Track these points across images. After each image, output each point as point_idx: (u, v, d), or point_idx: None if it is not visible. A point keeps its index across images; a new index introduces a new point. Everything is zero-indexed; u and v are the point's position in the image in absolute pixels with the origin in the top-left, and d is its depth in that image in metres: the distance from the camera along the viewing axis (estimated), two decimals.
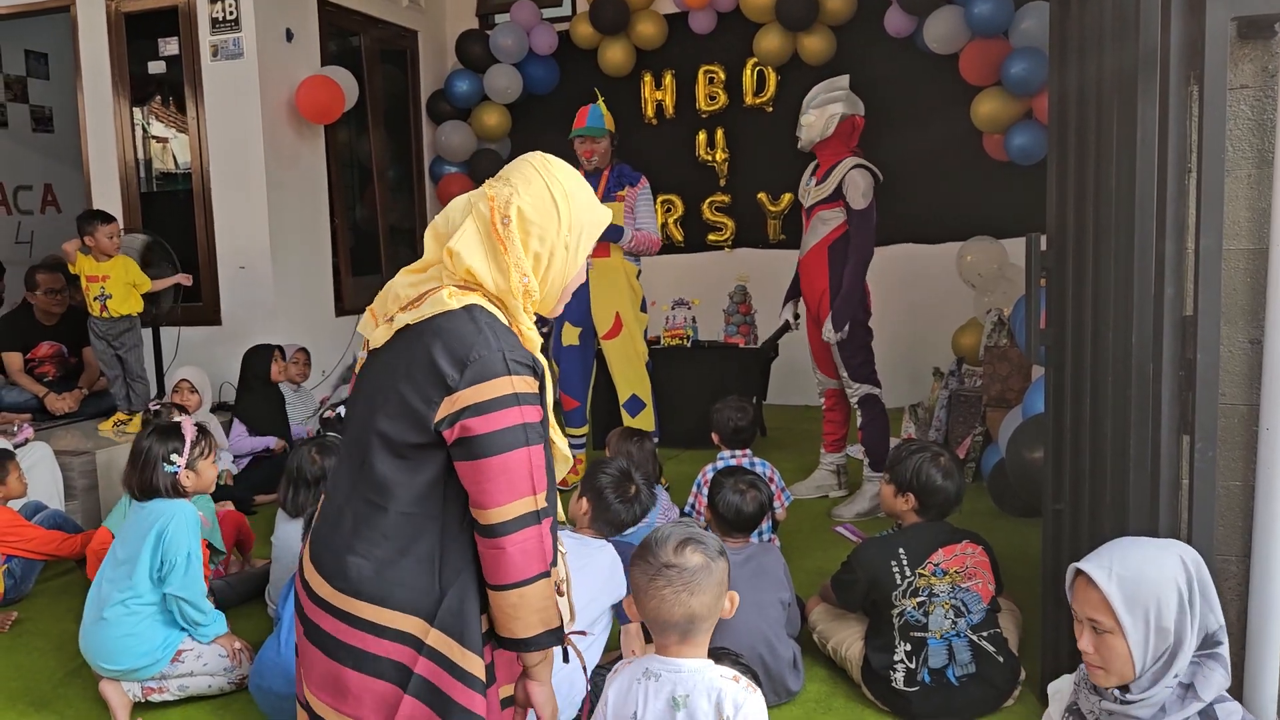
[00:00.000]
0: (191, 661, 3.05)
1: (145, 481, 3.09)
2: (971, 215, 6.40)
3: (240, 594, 3.73)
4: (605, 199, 4.89)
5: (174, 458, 3.10)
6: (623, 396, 5.12)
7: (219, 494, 4.46)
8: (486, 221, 1.70)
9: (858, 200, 4.39)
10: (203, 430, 3.23)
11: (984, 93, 6.07)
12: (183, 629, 3.06)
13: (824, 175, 4.54)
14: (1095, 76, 2.54)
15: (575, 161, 4.96)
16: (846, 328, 4.45)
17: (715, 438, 4.11)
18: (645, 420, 5.08)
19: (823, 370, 4.75)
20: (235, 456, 5.12)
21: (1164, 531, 2.25)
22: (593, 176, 4.93)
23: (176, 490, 3.11)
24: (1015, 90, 5.83)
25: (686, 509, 4.10)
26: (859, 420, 4.65)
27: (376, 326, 1.76)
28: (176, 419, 3.27)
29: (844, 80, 4.64)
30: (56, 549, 3.93)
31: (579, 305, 4.97)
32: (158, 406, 4.80)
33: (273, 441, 5.21)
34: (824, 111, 4.49)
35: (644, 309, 5.16)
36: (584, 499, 2.97)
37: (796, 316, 4.86)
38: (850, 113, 4.52)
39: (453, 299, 1.66)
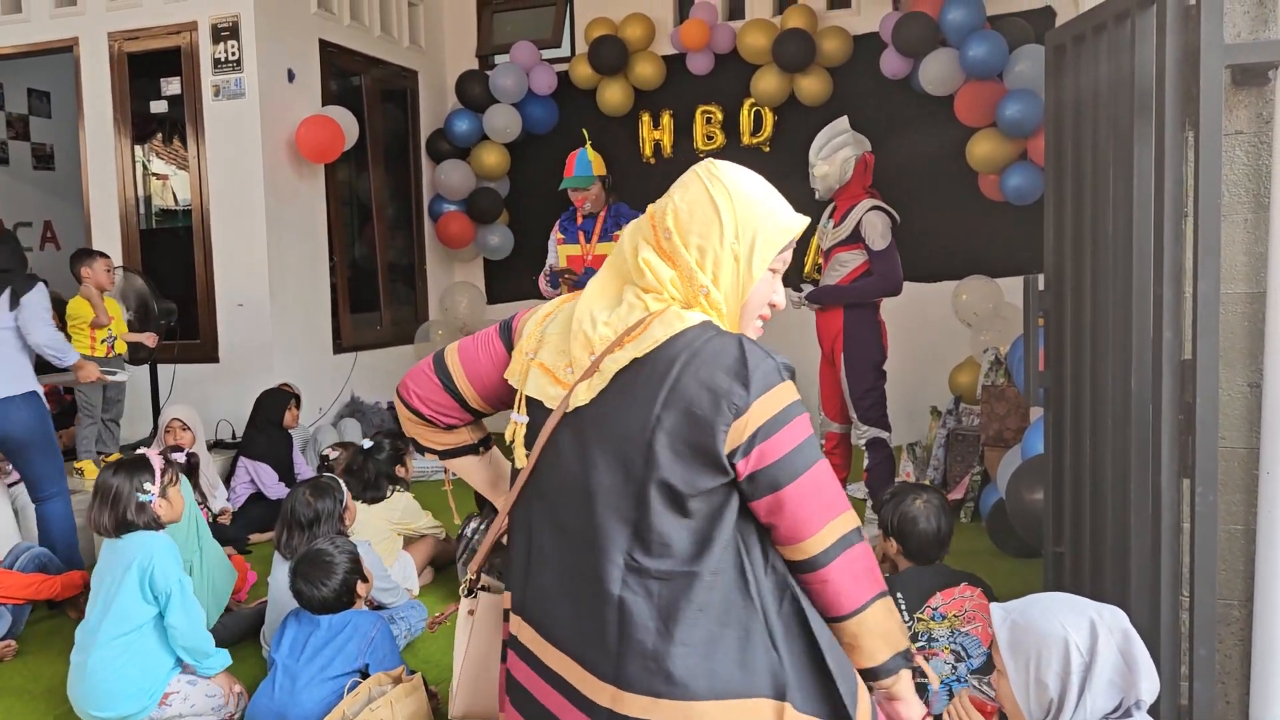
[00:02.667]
0: (179, 704, 3.00)
1: (119, 517, 3.01)
2: (967, 254, 6.43)
3: (234, 633, 3.69)
4: (602, 239, 4.94)
5: (147, 487, 3.04)
6: None
7: (214, 533, 4.44)
8: (652, 239, 1.52)
9: (877, 242, 4.51)
10: (167, 458, 3.18)
11: (979, 134, 6.12)
12: (176, 665, 3.02)
13: (841, 217, 4.66)
14: (1091, 121, 2.57)
15: (567, 201, 5.02)
16: (805, 293, 4.60)
17: None
18: None
19: (829, 413, 4.79)
20: (264, 494, 5.09)
21: (1166, 575, 2.24)
22: (589, 218, 4.98)
23: (153, 522, 3.04)
24: (1010, 132, 5.88)
25: None
26: (865, 462, 4.67)
27: (563, 383, 1.49)
28: (155, 453, 3.21)
29: (844, 122, 4.70)
30: (35, 592, 3.88)
31: None
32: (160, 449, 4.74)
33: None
34: (835, 158, 4.57)
35: None
36: None
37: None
38: (859, 152, 4.61)
39: (687, 315, 1.45)
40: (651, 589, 1.41)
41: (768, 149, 7.04)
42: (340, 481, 3.76)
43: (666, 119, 7.24)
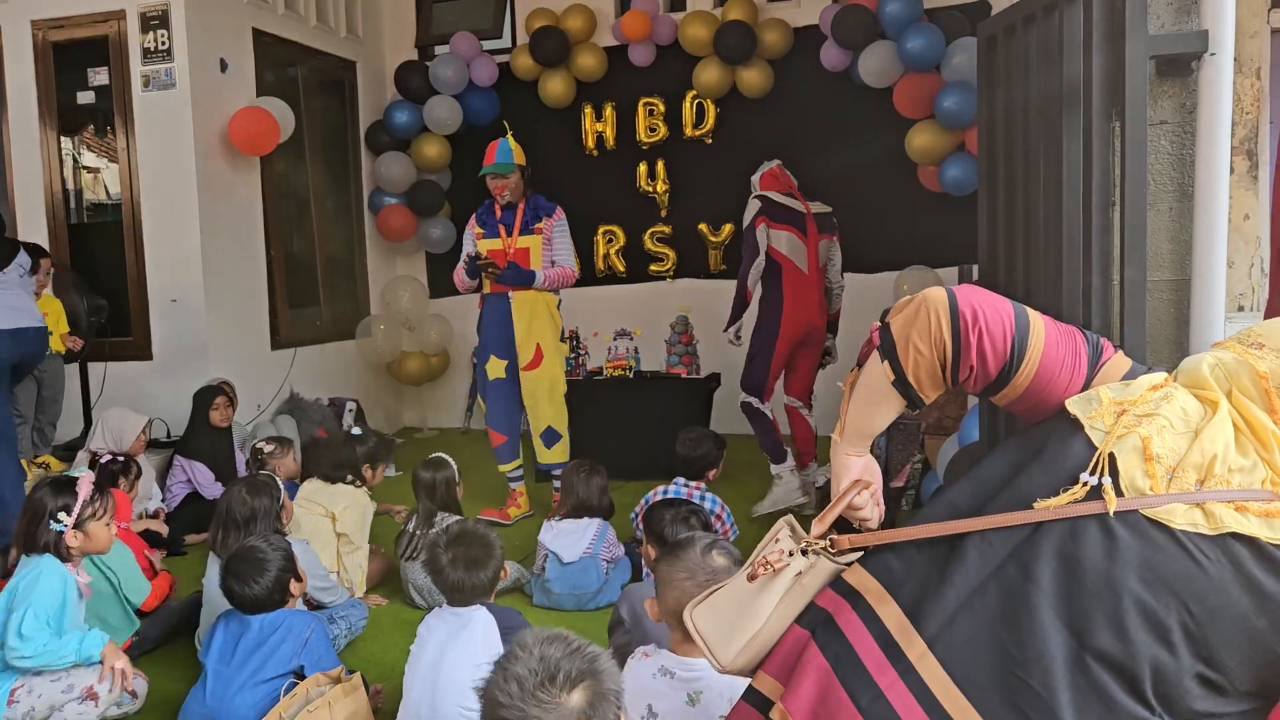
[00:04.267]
0: (27, 700, 2.80)
1: (29, 536, 2.89)
2: (907, 245, 6.50)
3: (162, 628, 3.57)
4: (522, 232, 4.91)
5: (61, 516, 2.90)
6: (538, 429, 5.06)
7: (149, 538, 4.33)
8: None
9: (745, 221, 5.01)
10: (101, 489, 3.02)
11: (918, 125, 6.19)
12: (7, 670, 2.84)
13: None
14: (1022, 112, 2.60)
15: (489, 196, 4.99)
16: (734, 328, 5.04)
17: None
18: (560, 452, 5.05)
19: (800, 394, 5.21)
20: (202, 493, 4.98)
21: None
22: (508, 210, 4.94)
23: (59, 551, 2.90)
24: (948, 123, 5.95)
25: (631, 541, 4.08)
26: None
27: (1154, 478, 1.32)
28: (89, 479, 3.04)
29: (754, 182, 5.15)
30: None
31: (502, 337, 4.92)
32: (107, 458, 4.55)
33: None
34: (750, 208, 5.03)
35: (563, 339, 5.16)
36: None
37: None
38: (755, 196, 5.06)
39: None
40: None
41: (710, 141, 7.05)
42: (277, 479, 3.69)
43: (609, 111, 7.21)
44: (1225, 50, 2.16)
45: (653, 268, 7.31)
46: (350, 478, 4.13)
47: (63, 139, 6.15)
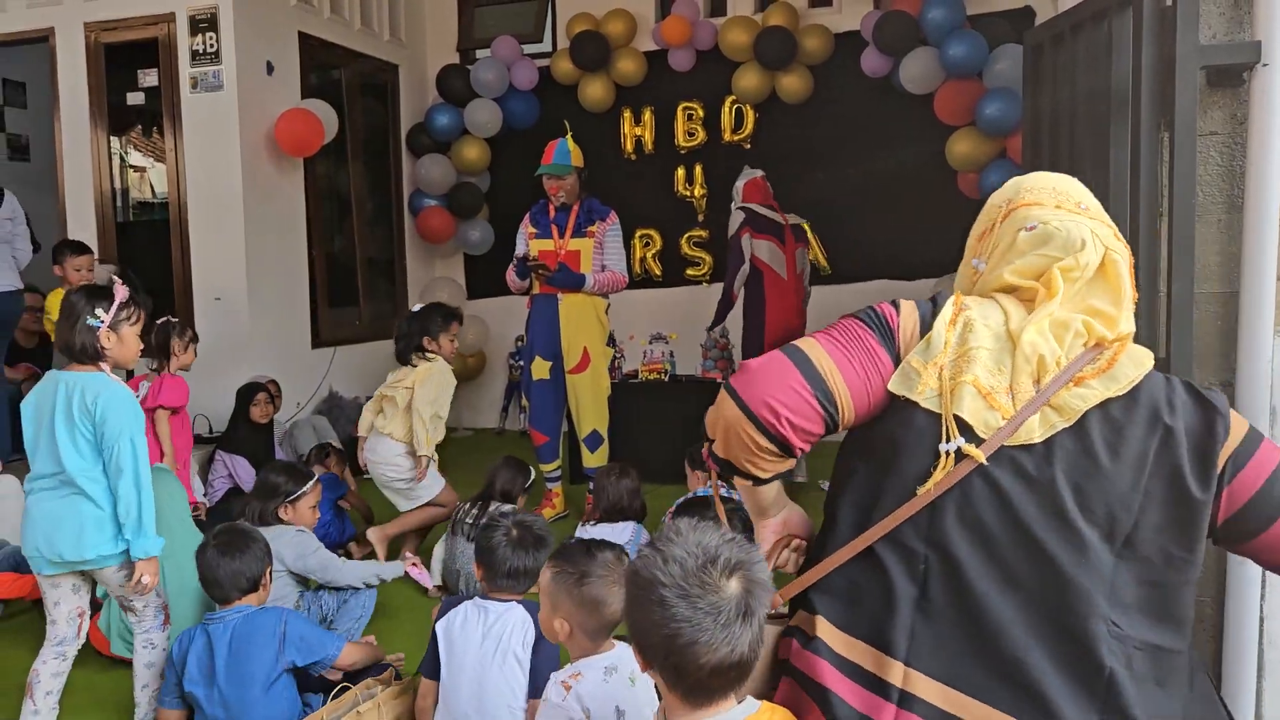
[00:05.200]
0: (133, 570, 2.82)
1: (66, 338, 2.82)
2: (946, 252, 6.39)
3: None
4: (575, 234, 4.93)
5: (98, 312, 2.83)
6: (583, 432, 5.09)
7: None
8: (1123, 274, 1.40)
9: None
10: (136, 300, 2.96)
11: (959, 132, 6.15)
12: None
13: None
14: (1068, 121, 2.59)
15: (544, 195, 5.02)
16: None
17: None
18: (602, 456, 5.08)
19: None
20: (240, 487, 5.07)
21: None
22: (561, 212, 4.96)
23: (96, 351, 2.83)
24: (989, 130, 5.91)
25: None
26: None
27: (1003, 409, 1.33)
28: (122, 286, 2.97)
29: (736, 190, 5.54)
30: (7, 591, 3.85)
31: (549, 338, 4.96)
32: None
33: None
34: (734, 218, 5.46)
35: (610, 343, 5.18)
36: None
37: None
38: (739, 208, 5.43)
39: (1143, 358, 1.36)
40: (1133, 661, 1.31)
41: (749, 146, 7.05)
42: (314, 474, 3.76)
43: (648, 115, 7.23)
44: (1278, 61, 2.13)
45: (689, 272, 7.32)
46: (422, 352, 4.35)
47: (112, 139, 6.26)
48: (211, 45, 5.86)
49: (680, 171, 7.22)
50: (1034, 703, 1.29)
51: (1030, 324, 1.35)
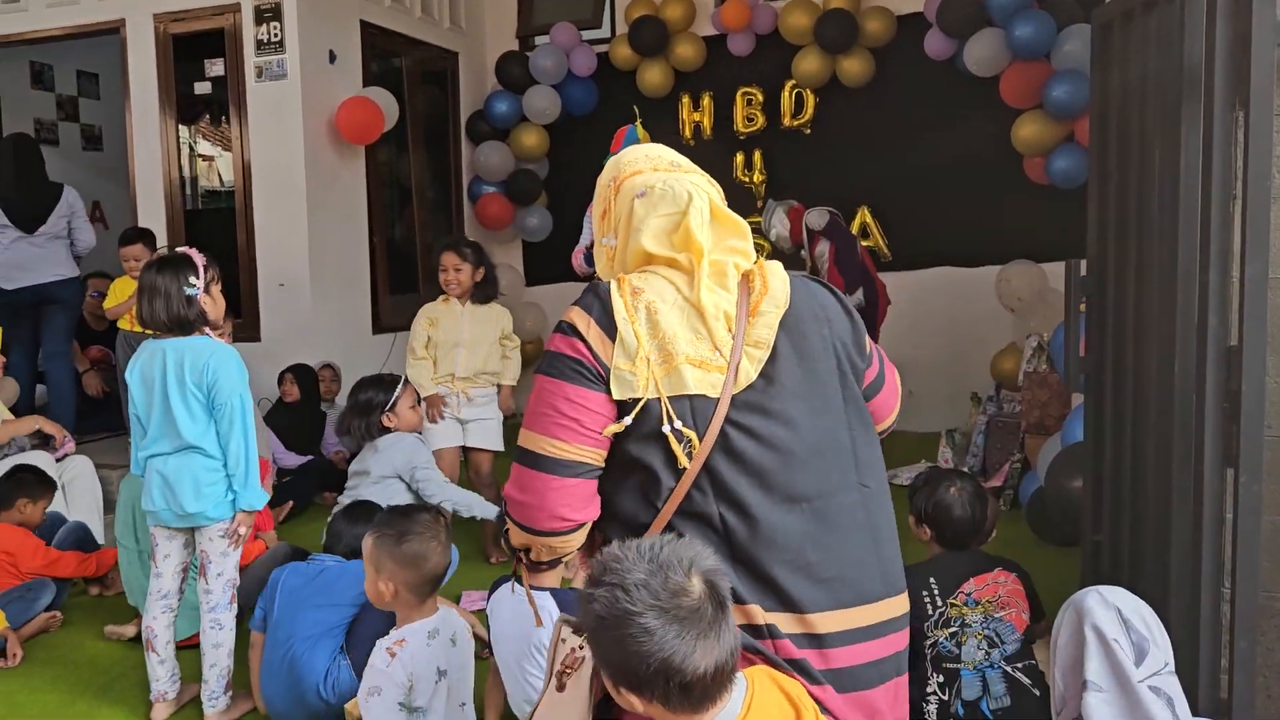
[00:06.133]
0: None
1: (172, 312, 2.94)
2: (1011, 238, 6.32)
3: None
4: None
5: (192, 280, 2.97)
6: None
7: None
8: (728, 210, 1.67)
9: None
10: (210, 259, 3.13)
11: (1025, 115, 6.01)
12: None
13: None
14: (1138, 102, 2.51)
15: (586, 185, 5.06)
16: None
17: None
18: None
19: None
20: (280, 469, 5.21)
21: (1207, 567, 2.19)
22: None
23: (199, 317, 2.99)
24: (1057, 113, 5.76)
25: None
26: None
27: (719, 368, 1.50)
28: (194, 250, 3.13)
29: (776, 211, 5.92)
30: (77, 569, 3.97)
31: None
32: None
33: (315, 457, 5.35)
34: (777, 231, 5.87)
35: None
36: None
37: None
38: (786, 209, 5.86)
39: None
40: (871, 506, 1.54)
41: (809, 131, 6.97)
42: (401, 377, 4.00)
43: (707, 100, 7.19)
44: None
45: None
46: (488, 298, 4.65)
47: (181, 128, 6.40)
48: (276, 35, 5.96)
49: (739, 157, 7.17)
50: (849, 588, 1.49)
51: (700, 287, 1.50)
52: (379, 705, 2.12)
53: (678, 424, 1.45)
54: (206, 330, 3.05)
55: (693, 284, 1.51)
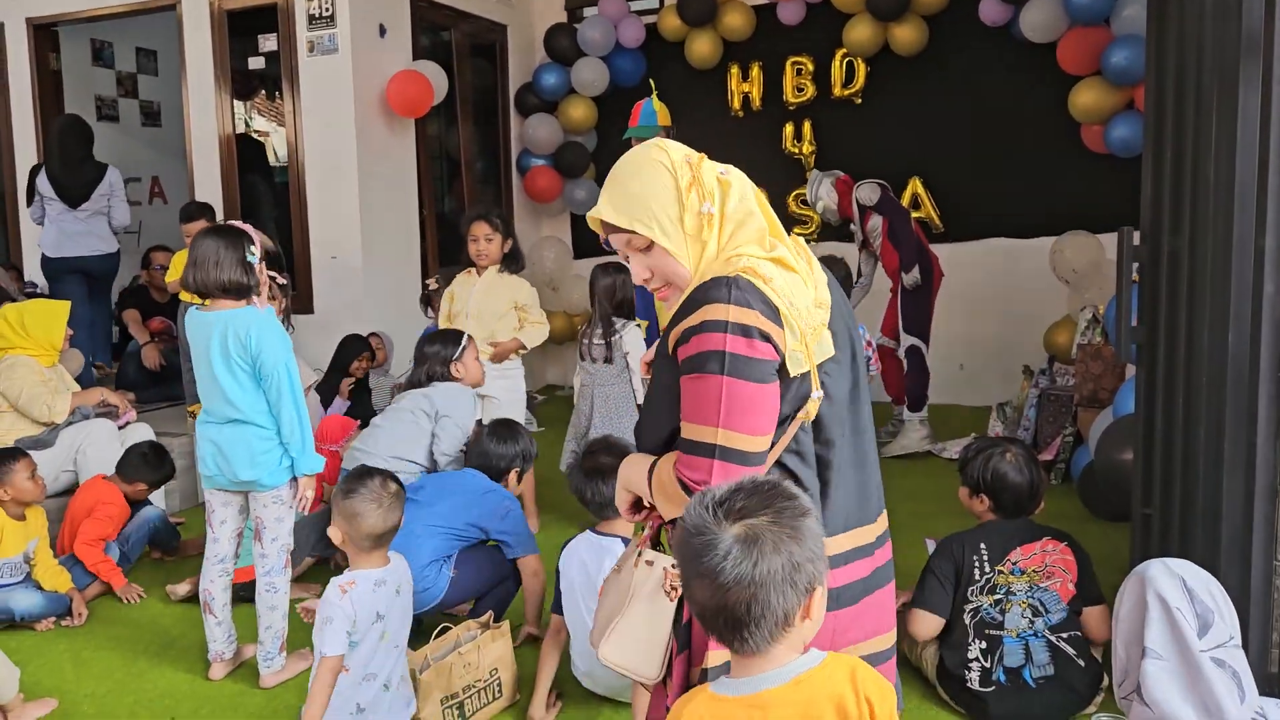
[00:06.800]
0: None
1: (229, 276, 2.99)
2: (1067, 209, 6.20)
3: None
4: None
5: (252, 249, 3.04)
6: None
7: None
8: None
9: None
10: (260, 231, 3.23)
11: (1083, 82, 5.87)
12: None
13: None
14: (1195, 63, 2.44)
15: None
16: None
17: None
18: None
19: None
20: None
21: (1258, 540, 2.15)
22: None
23: (256, 284, 3.06)
24: (1116, 80, 5.62)
25: None
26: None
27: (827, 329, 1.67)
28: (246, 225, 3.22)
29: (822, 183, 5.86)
30: (101, 572, 3.92)
31: (645, 297, 4.96)
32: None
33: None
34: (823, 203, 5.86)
35: None
36: None
37: None
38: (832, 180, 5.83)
39: None
40: (858, 444, 1.72)
41: (859, 101, 6.88)
42: (464, 332, 4.13)
43: (756, 71, 7.12)
44: None
45: (796, 230, 7.19)
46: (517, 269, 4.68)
47: (235, 103, 6.49)
48: (327, 9, 6.01)
49: (788, 128, 7.10)
50: (874, 502, 1.71)
51: (812, 266, 1.67)
52: (331, 631, 2.44)
53: (819, 393, 1.61)
54: (254, 301, 3.10)
55: (797, 261, 1.64)
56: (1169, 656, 1.62)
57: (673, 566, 1.69)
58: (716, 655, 1.56)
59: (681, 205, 1.63)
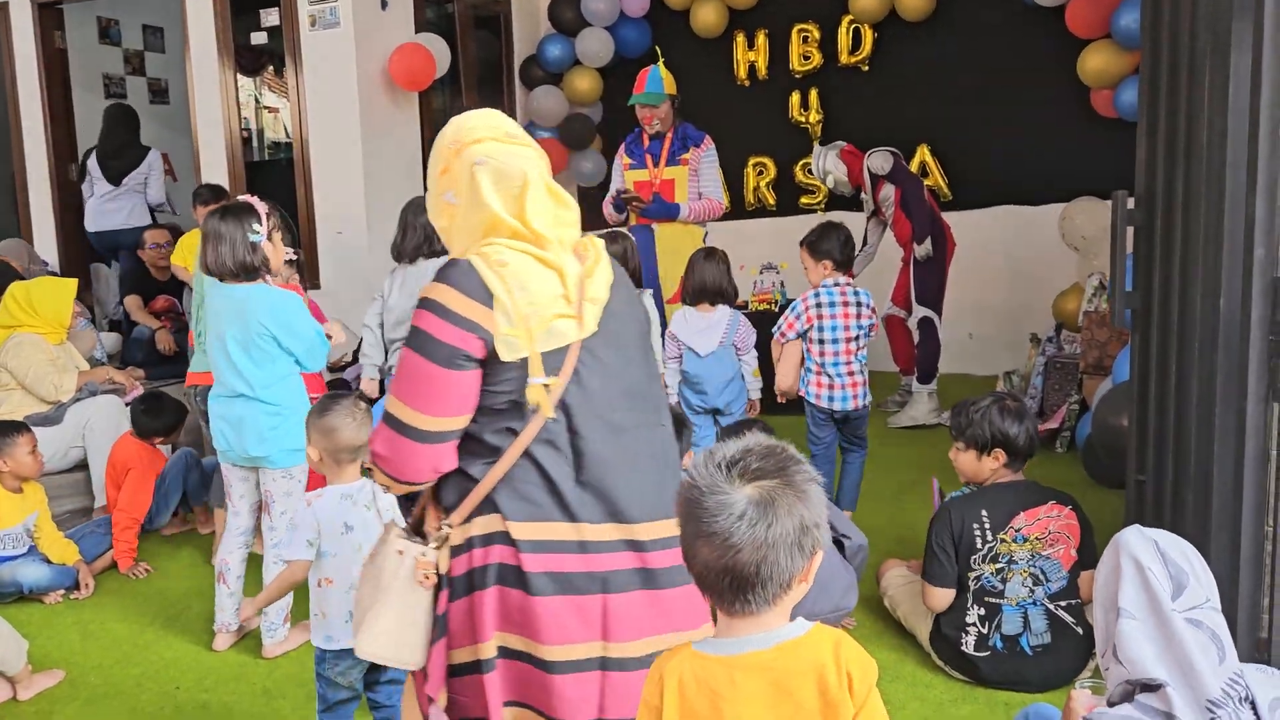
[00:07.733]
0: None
1: (237, 259, 3.06)
2: (1076, 175, 6.13)
3: None
4: (669, 163, 4.89)
5: (256, 227, 3.10)
6: None
7: None
8: (553, 183, 1.85)
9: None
10: (271, 205, 3.25)
11: (1092, 46, 5.79)
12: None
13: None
14: (1189, 23, 2.40)
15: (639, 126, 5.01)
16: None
17: (828, 265, 4.03)
18: None
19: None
20: None
21: (1249, 505, 2.15)
22: (656, 140, 4.93)
23: (263, 263, 3.11)
24: (1126, 43, 5.54)
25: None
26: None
27: (575, 317, 1.70)
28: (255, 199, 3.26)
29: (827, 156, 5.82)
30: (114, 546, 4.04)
31: (647, 270, 4.95)
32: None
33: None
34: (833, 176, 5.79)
35: None
36: None
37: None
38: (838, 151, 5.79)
39: None
40: (667, 441, 1.80)
41: (866, 68, 6.81)
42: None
43: (761, 39, 7.05)
44: None
45: (804, 200, 7.17)
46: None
47: (241, 79, 6.49)
48: None
49: (795, 97, 7.04)
50: (656, 495, 1.69)
51: (562, 255, 1.72)
52: (295, 538, 2.58)
53: (543, 379, 1.66)
54: (267, 277, 3.13)
55: (545, 252, 1.71)
56: (1141, 616, 1.62)
57: (423, 555, 1.73)
58: (466, 652, 1.67)
59: (437, 188, 1.80)
